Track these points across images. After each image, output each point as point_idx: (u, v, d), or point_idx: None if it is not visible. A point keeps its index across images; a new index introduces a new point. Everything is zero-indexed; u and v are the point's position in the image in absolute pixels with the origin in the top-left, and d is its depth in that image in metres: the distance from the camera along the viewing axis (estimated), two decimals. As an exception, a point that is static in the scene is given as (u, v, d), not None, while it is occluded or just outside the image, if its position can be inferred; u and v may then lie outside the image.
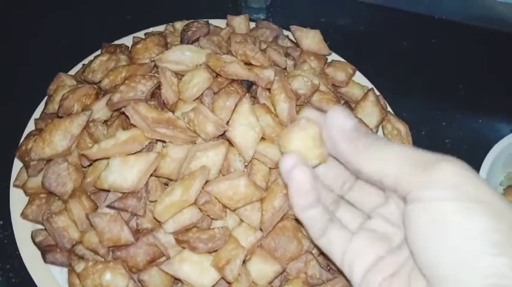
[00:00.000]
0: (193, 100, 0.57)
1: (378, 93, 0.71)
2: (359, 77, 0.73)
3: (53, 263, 0.56)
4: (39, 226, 0.59)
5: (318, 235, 0.37)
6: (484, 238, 0.27)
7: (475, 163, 0.64)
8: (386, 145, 0.32)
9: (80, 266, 0.54)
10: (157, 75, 0.58)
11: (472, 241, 0.27)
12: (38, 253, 0.57)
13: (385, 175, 0.31)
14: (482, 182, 0.28)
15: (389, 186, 0.31)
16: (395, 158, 0.31)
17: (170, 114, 0.55)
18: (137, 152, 0.53)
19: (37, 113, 0.67)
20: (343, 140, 0.34)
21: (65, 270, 0.56)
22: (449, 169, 0.29)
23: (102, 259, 0.54)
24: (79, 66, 0.71)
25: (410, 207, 0.30)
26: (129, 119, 0.53)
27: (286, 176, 0.34)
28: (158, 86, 0.58)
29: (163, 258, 0.54)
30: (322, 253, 0.45)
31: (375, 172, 0.32)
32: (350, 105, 0.69)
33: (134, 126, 0.54)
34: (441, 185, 0.28)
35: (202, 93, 0.57)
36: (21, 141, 0.63)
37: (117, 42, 0.73)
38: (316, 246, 0.42)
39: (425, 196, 0.29)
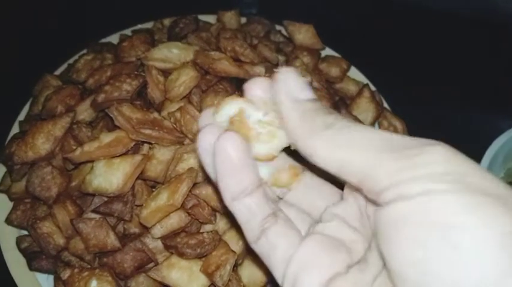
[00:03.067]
0: (181, 99, 0.55)
1: (373, 88, 0.69)
2: (354, 73, 0.71)
3: (39, 270, 0.54)
4: (25, 232, 0.57)
5: (255, 237, 0.27)
6: (506, 250, 0.19)
7: (475, 159, 0.62)
8: (352, 126, 0.24)
9: (65, 274, 0.52)
10: (143, 74, 0.56)
11: (489, 255, 0.19)
12: (24, 260, 0.55)
13: (347, 165, 0.23)
14: (484, 170, 0.22)
15: (353, 180, 0.24)
16: (365, 143, 0.23)
17: (156, 114, 0.53)
18: (122, 154, 0.51)
19: (22, 115, 0.65)
20: (293, 112, 0.26)
21: (51, 277, 0.55)
22: (441, 154, 0.22)
23: (89, 266, 0.52)
24: (65, 66, 0.69)
25: (390, 209, 0.22)
26: (113, 120, 0.52)
27: (210, 149, 0.26)
28: (144, 85, 0.56)
29: (152, 264, 0.52)
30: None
31: (334, 160, 0.24)
32: (345, 101, 0.67)
33: (119, 127, 0.52)
34: (434, 175, 0.21)
35: (189, 92, 0.55)
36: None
37: (103, 40, 0.71)
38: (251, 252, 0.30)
39: (412, 191, 0.21)
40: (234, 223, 0.29)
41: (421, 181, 0.21)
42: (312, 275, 0.25)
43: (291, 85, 0.26)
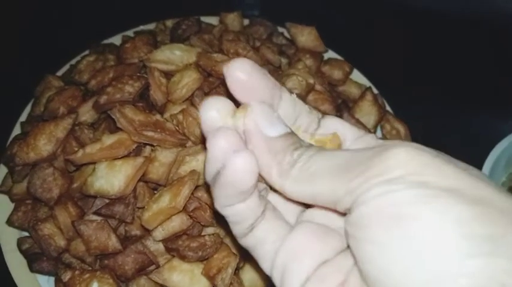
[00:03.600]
0: (183, 101, 0.55)
1: (376, 91, 0.69)
2: (357, 75, 0.71)
3: (40, 272, 0.54)
4: (26, 233, 0.57)
5: (243, 234, 0.27)
6: (462, 233, 0.20)
7: (477, 163, 0.62)
8: (315, 156, 0.25)
9: (66, 275, 0.52)
10: (145, 76, 0.56)
11: (445, 240, 0.20)
12: (24, 261, 0.55)
13: (316, 196, 0.25)
14: (451, 165, 0.22)
15: (329, 206, 0.25)
16: (326, 171, 0.24)
17: (158, 116, 0.53)
18: (124, 156, 0.51)
19: (24, 116, 0.65)
20: (263, 151, 0.26)
21: (52, 279, 0.54)
22: (401, 158, 0.22)
23: (90, 268, 0.52)
24: (67, 67, 0.69)
25: (352, 215, 0.23)
26: (115, 122, 0.51)
27: (221, 156, 0.25)
28: (147, 87, 0.56)
29: (153, 266, 0.52)
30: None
31: (303, 195, 0.25)
32: (347, 104, 0.67)
33: (121, 129, 0.52)
34: (392, 179, 0.22)
35: (192, 94, 0.55)
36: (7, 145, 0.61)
37: (106, 41, 0.71)
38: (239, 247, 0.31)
39: (369, 195, 0.22)
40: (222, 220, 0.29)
41: (379, 186, 0.22)
42: (300, 264, 0.25)
43: (260, 121, 0.26)
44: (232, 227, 0.28)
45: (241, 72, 0.27)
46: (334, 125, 0.30)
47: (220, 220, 0.50)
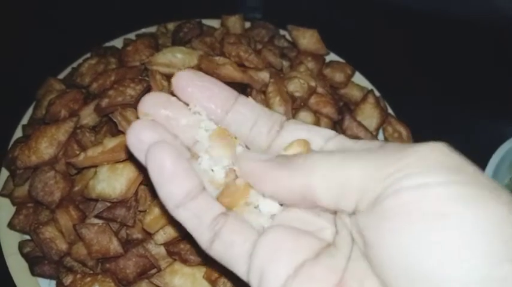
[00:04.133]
0: (185, 104, 0.55)
1: (378, 94, 0.69)
2: (359, 78, 0.71)
3: (41, 275, 0.54)
4: (27, 237, 0.57)
5: (208, 241, 0.27)
6: (501, 237, 0.20)
7: (480, 166, 0.61)
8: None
9: (67, 279, 0.52)
10: (147, 79, 0.56)
11: (483, 241, 0.20)
12: (26, 265, 0.55)
13: (346, 187, 0.24)
14: (476, 167, 0.23)
15: (353, 198, 0.24)
16: (354, 155, 0.24)
17: (160, 119, 0.52)
18: (126, 159, 0.51)
19: (26, 119, 0.65)
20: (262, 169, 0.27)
21: (54, 282, 0.54)
22: (435, 150, 0.22)
23: (91, 271, 0.52)
24: (69, 69, 0.69)
25: (390, 202, 0.22)
26: (117, 125, 0.51)
27: (139, 146, 0.26)
28: (148, 90, 0.56)
29: (154, 270, 0.52)
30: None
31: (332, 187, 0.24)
32: (349, 107, 0.67)
33: (122, 132, 0.51)
34: (428, 169, 0.22)
35: (194, 97, 0.55)
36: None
37: (107, 44, 0.71)
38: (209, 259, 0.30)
39: (411, 183, 0.21)
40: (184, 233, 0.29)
41: (415, 177, 0.22)
42: (278, 265, 0.25)
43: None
44: (195, 237, 0.27)
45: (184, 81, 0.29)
46: (298, 131, 0.29)
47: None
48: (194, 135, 0.30)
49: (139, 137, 0.27)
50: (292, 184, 0.25)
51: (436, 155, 0.22)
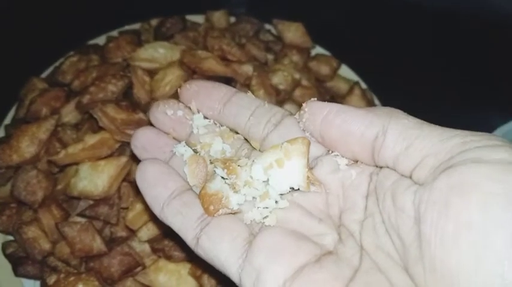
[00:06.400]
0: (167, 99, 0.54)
1: (364, 86, 0.68)
2: (345, 71, 0.70)
3: (25, 276, 0.53)
4: (11, 237, 0.56)
5: (195, 238, 0.27)
6: None
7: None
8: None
9: (51, 279, 0.51)
10: (128, 75, 0.56)
11: None
12: (9, 266, 0.54)
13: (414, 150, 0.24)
14: None
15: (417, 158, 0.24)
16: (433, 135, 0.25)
17: (141, 115, 0.52)
18: (107, 156, 0.51)
19: (9, 119, 0.64)
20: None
21: (38, 283, 0.53)
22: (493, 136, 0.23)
23: (75, 271, 0.51)
24: (51, 68, 0.68)
25: (460, 172, 0.21)
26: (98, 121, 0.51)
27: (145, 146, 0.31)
28: (130, 86, 0.55)
29: (139, 268, 0.51)
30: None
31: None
32: (336, 100, 0.66)
33: (104, 129, 0.51)
34: (507, 148, 0.21)
35: (176, 91, 0.54)
36: (-9, 148, 0.60)
37: (91, 42, 0.70)
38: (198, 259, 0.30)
39: (487, 157, 0.21)
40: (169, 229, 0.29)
41: (496, 149, 0.21)
42: (277, 266, 0.24)
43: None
44: (182, 236, 0.28)
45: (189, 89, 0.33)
46: (295, 127, 0.29)
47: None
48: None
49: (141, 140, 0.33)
50: (368, 126, 0.25)
51: (496, 138, 0.22)
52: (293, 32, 0.69)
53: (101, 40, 0.70)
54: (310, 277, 0.23)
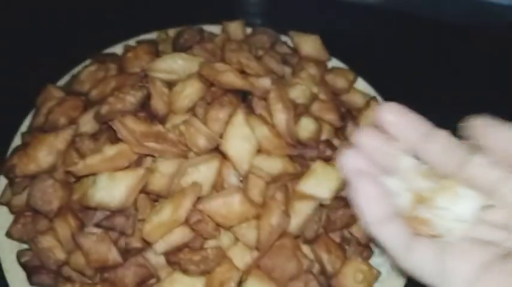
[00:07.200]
0: (186, 111, 0.55)
1: (381, 100, 0.68)
2: (361, 84, 0.70)
3: (39, 284, 0.53)
4: (25, 246, 0.56)
5: (403, 255, 0.30)
6: None
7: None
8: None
9: (66, 289, 0.51)
10: (147, 86, 0.56)
11: None
12: (24, 274, 0.54)
13: None
14: None
15: None
16: None
17: (160, 127, 0.52)
18: (125, 167, 0.51)
19: (25, 127, 0.64)
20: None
21: (52, 292, 0.53)
22: None
23: (90, 281, 0.51)
24: (68, 77, 0.68)
25: None
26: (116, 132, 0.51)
27: (349, 177, 0.31)
28: (148, 97, 0.56)
29: (154, 280, 0.51)
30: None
31: None
32: (351, 113, 0.66)
33: (122, 140, 0.51)
34: None
35: (194, 104, 0.54)
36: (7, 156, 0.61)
37: (107, 51, 0.70)
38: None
39: None
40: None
41: None
42: (464, 267, 0.27)
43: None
44: (390, 252, 0.31)
45: (389, 114, 0.33)
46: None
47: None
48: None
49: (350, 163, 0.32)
50: None
51: None
52: (310, 45, 0.69)
53: (117, 49, 0.71)
54: (498, 269, 0.27)
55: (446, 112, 0.77)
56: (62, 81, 0.68)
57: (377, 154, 0.33)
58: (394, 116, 0.33)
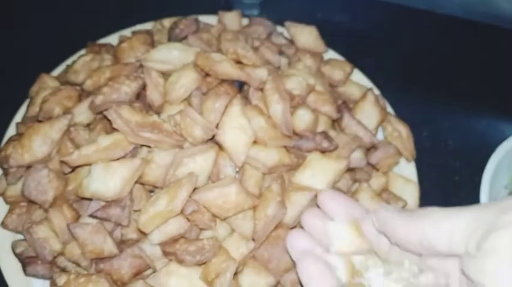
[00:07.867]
0: (181, 102, 0.54)
1: (377, 92, 0.68)
2: (358, 76, 0.70)
3: (34, 275, 0.53)
4: (20, 236, 0.56)
5: None
6: None
7: (479, 165, 0.61)
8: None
9: (61, 279, 0.51)
10: (142, 76, 0.55)
11: None
12: (19, 265, 0.54)
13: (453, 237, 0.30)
14: None
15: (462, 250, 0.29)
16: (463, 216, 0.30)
17: (155, 117, 0.51)
18: (121, 158, 0.50)
19: (19, 117, 0.64)
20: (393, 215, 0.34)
21: (47, 282, 0.53)
22: None
23: (85, 272, 0.51)
24: (63, 66, 0.68)
25: (486, 246, 0.27)
26: (111, 122, 0.50)
27: (295, 257, 0.39)
28: (144, 87, 0.55)
29: (150, 271, 0.51)
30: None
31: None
32: (348, 105, 0.66)
33: (117, 130, 0.50)
34: None
35: (190, 95, 0.54)
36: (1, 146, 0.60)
37: (102, 41, 0.70)
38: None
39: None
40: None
41: None
42: None
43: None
44: None
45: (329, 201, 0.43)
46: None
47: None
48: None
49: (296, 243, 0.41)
50: (410, 233, 0.32)
51: None
52: (306, 36, 0.69)
53: (112, 39, 0.70)
54: None
55: (442, 103, 0.78)
56: (56, 71, 0.68)
57: (319, 233, 0.40)
58: (333, 202, 0.40)
